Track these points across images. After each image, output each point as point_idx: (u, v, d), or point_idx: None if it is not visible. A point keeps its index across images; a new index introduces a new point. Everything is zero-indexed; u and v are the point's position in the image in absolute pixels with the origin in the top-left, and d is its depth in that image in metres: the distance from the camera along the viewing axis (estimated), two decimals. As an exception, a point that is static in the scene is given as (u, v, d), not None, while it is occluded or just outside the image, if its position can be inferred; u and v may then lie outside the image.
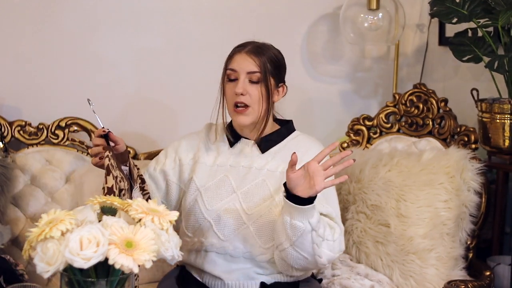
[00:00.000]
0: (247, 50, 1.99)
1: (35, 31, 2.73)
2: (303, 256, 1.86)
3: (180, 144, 2.13)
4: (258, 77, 1.97)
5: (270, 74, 1.98)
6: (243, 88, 1.97)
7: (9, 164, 2.46)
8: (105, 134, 1.89)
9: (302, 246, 1.84)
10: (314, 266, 1.96)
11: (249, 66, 1.97)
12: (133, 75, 2.83)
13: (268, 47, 2.03)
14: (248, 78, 1.98)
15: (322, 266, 1.95)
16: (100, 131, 1.89)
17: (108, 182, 1.80)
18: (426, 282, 2.32)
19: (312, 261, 1.88)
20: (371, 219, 2.42)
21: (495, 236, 2.60)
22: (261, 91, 1.97)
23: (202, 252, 2.03)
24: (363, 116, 2.81)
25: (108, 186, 1.79)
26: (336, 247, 1.91)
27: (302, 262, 1.89)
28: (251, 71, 1.97)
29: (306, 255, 1.86)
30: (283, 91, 2.06)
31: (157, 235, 1.40)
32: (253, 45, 2.01)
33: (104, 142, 1.89)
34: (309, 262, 1.89)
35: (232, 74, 2.00)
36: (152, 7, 2.81)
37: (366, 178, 2.46)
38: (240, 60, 1.99)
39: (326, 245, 1.87)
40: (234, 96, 1.98)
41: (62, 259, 1.31)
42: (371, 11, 2.82)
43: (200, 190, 2.04)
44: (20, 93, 2.73)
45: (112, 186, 1.80)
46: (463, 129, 2.61)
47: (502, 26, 2.44)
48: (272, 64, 1.99)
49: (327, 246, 1.87)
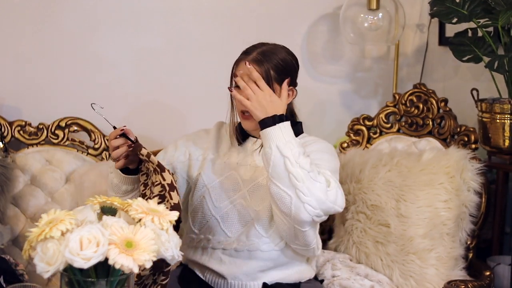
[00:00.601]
0: (251, 58, 1.97)
1: (35, 31, 2.73)
2: (285, 192, 1.80)
3: (190, 139, 2.14)
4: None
5: (274, 81, 1.97)
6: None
7: (9, 164, 2.46)
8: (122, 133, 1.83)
9: (278, 177, 1.80)
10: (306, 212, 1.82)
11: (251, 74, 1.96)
12: (133, 75, 2.83)
13: (275, 51, 2.00)
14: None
15: (316, 214, 1.83)
16: (118, 131, 1.85)
17: (167, 179, 1.74)
18: (426, 282, 2.32)
19: (296, 200, 1.80)
20: (371, 219, 2.42)
21: (495, 236, 2.60)
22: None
23: (208, 250, 2.04)
24: (363, 116, 2.81)
25: (168, 182, 1.74)
26: (331, 196, 1.83)
27: (287, 202, 1.81)
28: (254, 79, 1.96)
29: (286, 189, 1.80)
30: (292, 94, 2.04)
31: (157, 235, 1.40)
32: (258, 51, 1.99)
33: (126, 141, 1.84)
34: (296, 203, 1.80)
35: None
36: (152, 7, 2.81)
37: (366, 178, 2.47)
38: (243, 68, 1.98)
39: (314, 184, 1.80)
40: (240, 104, 1.97)
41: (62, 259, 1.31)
42: (371, 11, 2.82)
43: (207, 187, 2.05)
44: (20, 93, 2.73)
45: (171, 181, 1.75)
46: (463, 129, 2.61)
47: (502, 26, 2.44)
48: (277, 70, 1.97)
49: (318, 187, 1.81)
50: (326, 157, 2.00)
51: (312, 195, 1.80)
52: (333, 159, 2.03)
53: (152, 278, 1.61)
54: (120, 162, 1.88)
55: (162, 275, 1.60)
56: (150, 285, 1.62)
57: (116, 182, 1.96)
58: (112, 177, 1.98)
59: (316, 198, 1.81)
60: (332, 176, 1.90)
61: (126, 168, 1.92)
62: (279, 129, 1.82)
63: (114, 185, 1.97)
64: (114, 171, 1.95)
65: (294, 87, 2.05)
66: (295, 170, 1.79)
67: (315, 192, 1.81)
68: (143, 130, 2.82)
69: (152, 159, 1.78)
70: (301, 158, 1.81)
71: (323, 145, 2.05)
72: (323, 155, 1.99)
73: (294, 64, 2.04)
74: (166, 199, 1.74)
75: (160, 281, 1.61)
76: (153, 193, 1.79)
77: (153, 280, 1.61)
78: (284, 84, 1.97)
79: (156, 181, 1.78)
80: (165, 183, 1.75)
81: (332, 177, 1.90)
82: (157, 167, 1.77)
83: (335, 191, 1.86)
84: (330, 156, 2.02)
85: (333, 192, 1.85)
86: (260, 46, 2.01)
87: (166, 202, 1.74)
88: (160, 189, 1.76)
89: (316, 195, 1.81)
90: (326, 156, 2.00)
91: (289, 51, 2.05)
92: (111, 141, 1.86)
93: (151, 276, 1.61)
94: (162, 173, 1.76)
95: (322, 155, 1.99)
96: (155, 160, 1.78)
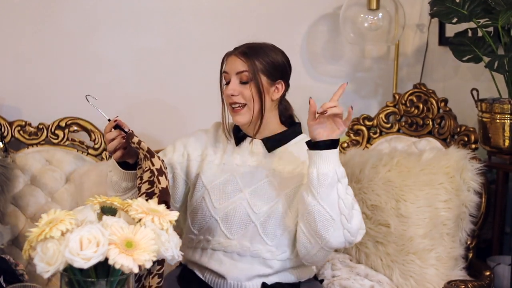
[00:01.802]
0: (237, 52, 2.02)
1: (35, 31, 2.73)
2: (330, 216, 1.84)
3: (188, 139, 2.14)
4: (247, 77, 1.99)
5: (260, 72, 1.99)
6: (234, 89, 1.99)
7: (9, 164, 2.46)
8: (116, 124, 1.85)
9: (328, 199, 1.83)
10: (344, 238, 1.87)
11: (237, 66, 1.99)
12: (133, 75, 2.83)
13: (264, 47, 2.03)
14: (238, 78, 2.00)
15: (350, 241, 1.89)
16: (112, 124, 1.86)
17: (156, 164, 1.76)
18: (426, 282, 2.32)
19: (339, 225, 1.85)
20: (371, 219, 2.42)
21: (495, 236, 2.60)
22: (251, 90, 1.99)
23: (208, 251, 2.03)
24: (363, 116, 2.81)
25: (157, 167, 1.75)
26: (362, 222, 1.93)
27: (329, 225, 1.85)
28: (239, 71, 1.99)
29: (332, 213, 1.84)
30: (282, 88, 2.05)
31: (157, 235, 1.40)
32: (245, 46, 2.03)
33: (120, 132, 1.85)
34: (337, 228, 1.85)
35: (226, 77, 2.03)
36: (152, 7, 2.81)
37: (366, 178, 2.47)
38: (230, 62, 2.02)
39: (355, 212, 1.88)
40: (229, 98, 2.00)
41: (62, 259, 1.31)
42: (371, 11, 2.83)
43: (207, 187, 2.05)
44: (20, 93, 2.73)
45: (160, 167, 1.76)
46: (463, 129, 2.61)
47: (502, 26, 2.44)
48: (263, 62, 2.00)
49: (357, 215, 1.89)
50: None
51: (353, 221, 1.88)
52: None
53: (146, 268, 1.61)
54: (117, 153, 1.88)
55: (157, 264, 1.60)
56: (145, 276, 1.61)
57: (115, 179, 1.96)
58: (111, 175, 1.98)
59: (355, 224, 1.89)
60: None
61: (126, 163, 1.93)
62: (336, 154, 1.84)
63: (113, 183, 1.97)
64: (113, 168, 1.96)
65: (283, 81, 2.05)
66: (345, 196, 1.85)
67: (355, 220, 1.89)
68: (143, 130, 2.82)
69: (143, 145, 1.79)
70: (353, 196, 1.89)
71: None
72: None
73: (282, 59, 2.05)
74: (155, 184, 1.75)
75: (156, 270, 1.61)
76: (143, 179, 1.79)
77: (148, 270, 1.61)
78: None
79: (146, 167, 1.79)
80: (154, 168, 1.76)
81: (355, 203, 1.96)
82: (147, 153, 1.79)
83: (360, 215, 1.93)
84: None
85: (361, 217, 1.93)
86: (245, 44, 2.04)
87: (155, 187, 1.75)
88: (150, 174, 1.77)
89: (356, 224, 1.89)
90: None
91: (278, 48, 2.07)
92: (106, 134, 1.88)
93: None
94: (152, 158, 1.77)
95: None
96: (145, 146, 1.79)
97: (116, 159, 1.90)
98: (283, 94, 2.07)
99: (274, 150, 2.05)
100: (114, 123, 1.85)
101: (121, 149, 1.88)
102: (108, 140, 1.87)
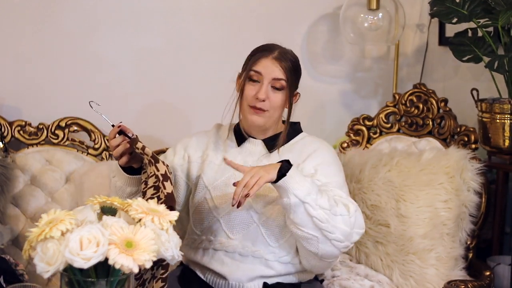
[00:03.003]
0: (275, 56, 1.99)
1: (35, 31, 2.73)
2: (311, 235, 1.85)
3: (189, 141, 2.14)
4: (282, 85, 1.98)
5: (293, 82, 2.01)
6: (266, 94, 1.97)
7: (9, 164, 2.46)
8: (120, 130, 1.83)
9: (302, 222, 1.84)
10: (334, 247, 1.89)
11: (275, 72, 1.97)
12: (133, 75, 2.83)
13: (292, 57, 2.03)
14: (271, 84, 1.98)
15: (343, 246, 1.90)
16: (116, 129, 1.85)
17: (161, 169, 1.75)
18: (426, 282, 2.32)
19: (323, 239, 1.86)
20: (371, 219, 2.42)
21: (495, 236, 2.60)
22: (282, 99, 1.99)
23: (210, 251, 2.03)
24: (363, 116, 2.81)
25: (162, 173, 1.74)
26: (353, 222, 1.89)
27: (314, 243, 1.87)
28: (276, 78, 1.97)
29: (311, 231, 1.85)
30: (297, 98, 2.07)
31: (157, 235, 1.40)
32: (279, 50, 2.01)
33: (125, 138, 1.84)
34: (324, 242, 1.86)
35: (255, 76, 2.00)
36: (152, 7, 2.81)
37: (366, 178, 2.46)
38: (266, 65, 1.98)
39: (336, 219, 1.85)
40: (254, 99, 1.98)
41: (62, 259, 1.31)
42: (371, 11, 2.82)
43: (208, 188, 2.05)
44: (20, 93, 2.73)
45: (165, 172, 1.75)
46: (463, 129, 2.61)
47: (502, 26, 2.44)
48: (296, 75, 2.02)
49: (341, 220, 1.86)
50: (333, 170, 2.03)
51: (338, 230, 1.86)
52: (338, 168, 2.06)
53: (151, 272, 1.61)
54: (123, 159, 1.87)
55: (161, 268, 1.60)
56: (149, 280, 1.62)
57: (119, 184, 1.95)
58: (115, 180, 1.96)
59: (342, 232, 1.87)
60: (346, 196, 1.96)
61: (131, 168, 1.92)
62: (290, 177, 1.83)
63: (118, 188, 1.96)
64: (117, 173, 1.95)
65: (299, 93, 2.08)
66: (316, 213, 1.84)
67: (340, 226, 1.87)
68: (143, 130, 2.81)
69: (147, 151, 1.79)
70: (319, 198, 1.84)
71: (326, 153, 2.07)
72: (329, 170, 2.01)
73: (300, 67, 2.07)
74: (160, 189, 1.75)
75: (160, 274, 1.61)
76: (148, 184, 1.79)
77: (152, 274, 1.61)
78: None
79: (151, 173, 1.79)
80: (158, 173, 1.75)
81: (347, 198, 1.95)
82: (151, 159, 1.78)
83: (355, 215, 1.90)
84: (335, 166, 2.05)
85: (353, 218, 1.90)
86: (277, 47, 2.03)
87: (160, 192, 1.75)
88: (155, 180, 1.77)
89: (341, 229, 1.87)
90: (333, 169, 2.03)
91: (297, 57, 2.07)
92: (111, 141, 1.86)
93: (150, 270, 1.61)
94: (156, 164, 1.77)
95: (329, 169, 2.01)
96: (149, 151, 1.78)
97: (122, 164, 1.89)
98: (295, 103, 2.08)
99: (275, 150, 2.06)
100: (118, 128, 1.84)
101: (127, 155, 1.87)
102: (113, 146, 1.85)
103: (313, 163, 2.01)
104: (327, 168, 2.01)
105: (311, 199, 1.83)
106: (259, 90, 1.97)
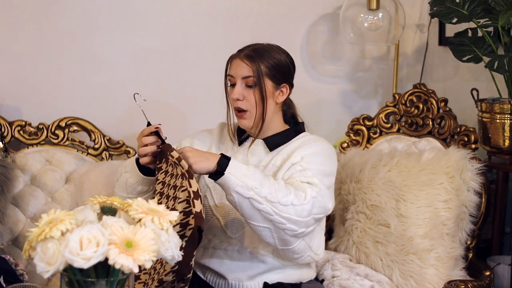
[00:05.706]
0: (242, 55, 2.01)
1: (35, 31, 2.73)
2: (262, 227, 1.84)
3: (193, 140, 2.15)
4: (252, 81, 1.99)
5: (266, 77, 1.99)
6: (239, 93, 1.99)
7: (9, 164, 2.46)
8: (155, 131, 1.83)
9: (251, 216, 1.83)
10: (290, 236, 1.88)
11: (242, 71, 1.99)
12: (133, 75, 2.83)
13: (268, 49, 2.02)
14: (244, 82, 2.00)
15: (300, 233, 1.88)
16: (152, 129, 1.85)
17: (193, 186, 1.70)
18: (426, 282, 2.32)
19: (275, 229, 1.84)
20: (371, 219, 2.42)
21: (495, 236, 2.60)
22: (255, 95, 1.99)
23: (209, 250, 2.04)
24: (363, 116, 2.81)
25: (194, 190, 1.70)
26: (309, 209, 1.86)
27: (269, 233, 1.86)
28: (245, 76, 1.99)
29: (262, 224, 1.83)
30: (287, 91, 2.06)
31: (157, 235, 1.39)
32: (250, 48, 2.02)
33: (157, 139, 1.83)
34: (277, 231, 1.85)
35: (231, 80, 2.03)
36: (152, 8, 2.81)
37: (366, 178, 2.46)
38: (235, 66, 2.01)
39: (285, 209, 1.82)
40: (234, 101, 2.01)
41: (62, 259, 1.31)
42: (371, 11, 2.83)
43: (209, 186, 2.06)
44: (20, 93, 2.73)
45: (197, 190, 1.70)
46: (463, 129, 2.61)
47: (502, 26, 2.44)
48: (269, 66, 1.99)
49: (291, 211, 1.83)
50: (320, 160, 2.00)
51: (288, 220, 1.84)
52: (327, 161, 2.03)
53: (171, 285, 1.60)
54: (146, 159, 1.88)
55: (182, 282, 1.59)
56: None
57: (131, 182, 1.97)
58: (128, 177, 1.98)
59: (293, 221, 1.84)
60: (316, 183, 1.90)
61: (147, 168, 1.93)
62: (230, 174, 1.81)
63: (129, 185, 1.97)
64: (131, 170, 1.96)
65: (288, 84, 2.05)
66: (263, 206, 1.81)
67: (290, 217, 1.84)
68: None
69: (183, 163, 1.76)
70: (264, 190, 1.81)
71: (320, 147, 2.05)
72: (316, 158, 1.99)
73: (287, 61, 2.05)
74: (190, 207, 1.71)
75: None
76: (179, 198, 1.75)
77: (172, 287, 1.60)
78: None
79: (183, 186, 1.75)
80: (191, 190, 1.71)
81: (312, 185, 1.90)
82: (186, 173, 1.74)
83: (311, 202, 1.87)
84: (324, 158, 2.02)
85: (309, 205, 1.86)
86: (251, 45, 2.04)
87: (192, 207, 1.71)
88: (187, 194, 1.72)
89: (291, 219, 1.84)
90: (320, 159, 2.00)
91: (283, 49, 2.06)
92: (142, 138, 1.86)
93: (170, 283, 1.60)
94: (190, 179, 1.72)
95: (316, 158, 1.99)
96: (185, 165, 1.75)
97: (143, 163, 1.90)
98: (287, 96, 2.07)
99: (275, 149, 2.06)
100: (154, 129, 1.84)
101: (150, 156, 1.88)
102: (143, 143, 1.86)
103: (302, 153, 1.99)
104: (312, 157, 1.99)
105: (255, 193, 1.80)
106: (233, 92, 2.00)
